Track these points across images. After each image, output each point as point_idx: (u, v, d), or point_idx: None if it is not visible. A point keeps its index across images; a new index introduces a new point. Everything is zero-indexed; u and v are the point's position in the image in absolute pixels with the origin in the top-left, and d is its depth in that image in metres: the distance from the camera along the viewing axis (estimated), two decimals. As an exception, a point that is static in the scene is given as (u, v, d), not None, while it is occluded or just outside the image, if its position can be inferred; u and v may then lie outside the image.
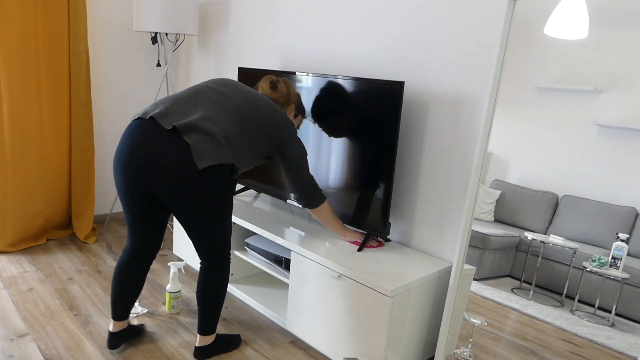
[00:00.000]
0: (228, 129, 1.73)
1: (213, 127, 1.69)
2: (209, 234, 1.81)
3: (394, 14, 2.19)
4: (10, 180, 2.82)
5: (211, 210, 1.74)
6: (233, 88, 1.86)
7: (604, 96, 1.57)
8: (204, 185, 1.67)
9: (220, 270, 1.89)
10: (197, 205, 1.70)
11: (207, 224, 1.77)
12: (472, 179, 1.84)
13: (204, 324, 1.93)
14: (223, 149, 1.68)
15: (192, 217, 1.74)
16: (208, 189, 1.68)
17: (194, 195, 1.67)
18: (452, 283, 1.90)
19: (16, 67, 2.74)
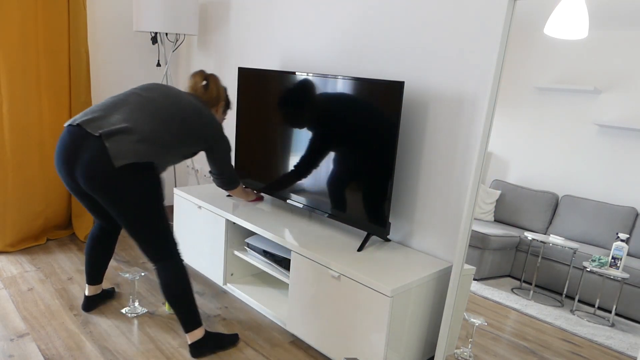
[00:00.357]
0: (149, 131, 1.87)
1: (132, 129, 1.83)
2: (144, 234, 1.88)
3: (394, 14, 2.19)
4: (10, 180, 2.82)
5: (137, 208, 1.84)
6: (159, 92, 2.00)
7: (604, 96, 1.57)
8: (122, 182, 1.79)
9: (169, 268, 1.93)
10: (121, 203, 1.82)
11: (138, 223, 1.86)
12: (472, 179, 1.84)
13: (182, 321, 1.97)
14: (140, 148, 1.82)
15: (122, 215, 1.85)
16: (127, 186, 1.81)
17: (115, 192, 1.81)
18: (452, 283, 1.90)
19: (16, 67, 2.74)
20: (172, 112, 1.95)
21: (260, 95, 2.57)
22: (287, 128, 2.45)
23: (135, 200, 1.82)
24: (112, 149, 1.77)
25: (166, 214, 1.93)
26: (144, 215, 1.86)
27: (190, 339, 1.98)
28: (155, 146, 1.87)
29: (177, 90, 2.06)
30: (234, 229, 2.52)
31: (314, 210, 2.35)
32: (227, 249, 2.52)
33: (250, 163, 2.71)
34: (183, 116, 1.97)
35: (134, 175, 1.81)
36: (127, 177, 1.80)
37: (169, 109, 1.95)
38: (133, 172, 1.81)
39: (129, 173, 1.80)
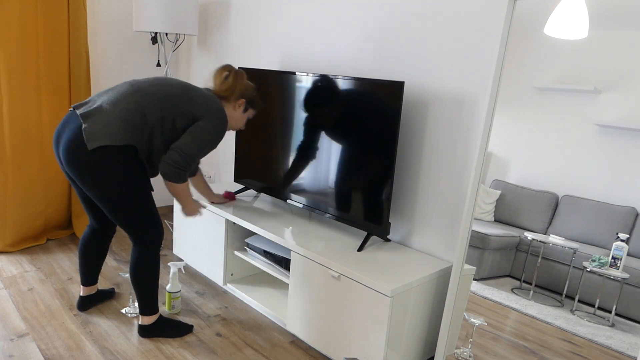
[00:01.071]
0: (125, 110, 1.81)
1: (110, 111, 1.80)
2: (122, 220, 1.90)
3: (394, 14, 2.19)
4: (10, 180, 2.82)
5: (113, 191, 1.82)
6: (154, 79, 1.96)
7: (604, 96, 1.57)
8: (95, 164, 1.77)
9: (141, 252, 1.98)
10: (96, 187, 1.81)
11: (116, 206, 1.86)
12: (472, 179, 1.84)
13: (139, 303, 2.07)
14: (117, 131, 1.78)
15: (98, 198, 1.85)
16: (101, 169, 1.78)
17: (88, 174, 1.79)
18: (452, 283, 1.90)
19: (16, 67, 2.74)
20: (156, 91, 1.88)
21: (261, 95, 2.57)
22: (287, 128, 2.45)
23: (110, 185, 1.81)
24: (86, 130, 1.76)
25: (148, 203, 1.92)
26: (124, 201, 1.85)
27: (141, 321, 2.10)
28: (134, 129, 1.81)
29: (177, 80, 2.00)
30: (234, 229, 2.52)
31: (314, 210, 2.35)
32: (227, 249, 2.52)
33: (250, 163, 2.71)
34: (168, 93, 1.89)
35: (108, 159, 1.78)
36: (101, 160, 1.77)
37: (155, 88, 1.89)
38: (107, 155, 1.78)
39: (103, 156, 1.77)
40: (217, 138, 1.95)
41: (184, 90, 1.94)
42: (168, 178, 1.90)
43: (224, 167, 3.43)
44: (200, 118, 1.91)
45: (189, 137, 1.88)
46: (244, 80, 2.10)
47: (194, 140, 1.88)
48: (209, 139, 1.92)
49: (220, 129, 1.95)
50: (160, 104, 1.87)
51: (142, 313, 2.08)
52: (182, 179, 1.93)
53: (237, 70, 2.11)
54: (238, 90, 2.07)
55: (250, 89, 2.13)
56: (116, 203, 1.85)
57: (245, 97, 2.11)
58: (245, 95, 2.11)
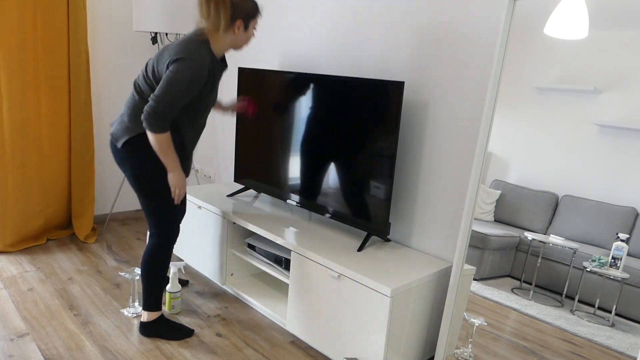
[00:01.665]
0: (131, 100, 1.99)
1: (124, 109, 2.01)
2: (145, 209, 2.05)
3: (394, 14, 2.19)
4: (10, 180, 2.82)
5: (135, 183, 2.00)
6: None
7: (604, 96, 1.57)
8: (124, 158, 1.98)
9: (152, 244, 2.07)
10: (130, 177, 2.01)
11: (139, 197, 2.04)
12: (472, 179, 1.84)
13: (143, 297, 2.11)
14: (129, 124, 1.96)
15: (133, 188, 2.04)
16: (127, 163, 1.98)
17: (122, 168, 2.01)
18: (452, 283, 1.90)
19: (16, 67, 2.74)
20: (145, 66, 1.98)
21: (261, 95, 2.57)
22: (287, 128, 2.45)
23: (132, 176, 1.99)
24: (112, 134, 2.00)
25: (168, 195, 2.01)
26: (141, 191, 2.01)
27: (143, 317, 2.12)
28: (139, 113, 1.95)
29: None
30: (234, 229, 2.52)
31: (314, 210, 2.35)
32: (227, 249, 2.52)
33: (250, 163, 2.71)
34: (153, 59, 1.94)
35: (132, 151, 1.96)
36: (127, 154, 1.97)
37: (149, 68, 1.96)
38: (130, 149, 1.96)
39: (128, 150, 1.96)
40: (187, 81, 1.83)
41: (165, 46, 1.94)
42: (146, 126, 1.87)
43: (224, 167, 3.43)
44: (172, 56, 1.85)
45: (161, 84, 1.84)
46: (227, 6, 1.88)
47: (163, 86, 1.83)
48: (178, 82, 1.82)
49: (187, 73, 1.83)
50: (147, 72, 1.96)
51: (144, 308, 2.11)
52: (159, 128, 1.86)
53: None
54: (225, 17, 1.89)
55: (241, 3, 1.91)
56: (141, 190, 2.01)
57: (240, 16, 1.92)
58: (238, 14, 1.91)
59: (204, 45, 1.89)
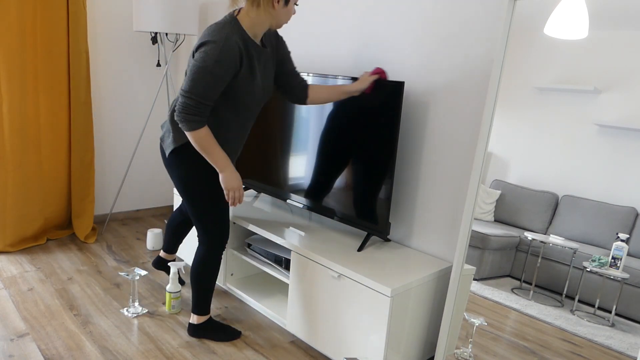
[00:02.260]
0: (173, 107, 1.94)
1: (169, 118, 1.95)
2: (193, 216, 2.02)
3: (394, 14, 2.19)
4: (10, 180, 2.82)
5: (183, 192, 1.97)
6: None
7: (604, 96, 1.57)
8: (171, 165, 1.96)
9: (202, 252, 2.06)
10: (176, 183, 1.99)
11: (189, 206, 2.00)
12: (472, 179, 1.84)
13: (193, 301, 2.12)
14: (174, 133, 1.90)
15: (180, 194, 2.01)
16: (174, 172, 1.96)
17: (170, 174, 1.99)
18: (452, 283, 1.90)
19: (16, 67, 2.74)
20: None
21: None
22: (287, 128, 2.45)
23: (180, 184, 1.96)
24: (161, 137, 1.99)
25: (216, 203, 1.97)
26: (188, 198, 1.97)
27: (193, 320, 2.14)
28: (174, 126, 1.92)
29: None
30: (234, 229, 2.52)
31: (313, 210, 2.35)
32: (227, 249, 2.52)
33: (250, 163, 2.71)
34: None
35: (177, 161, 1.93)
36: (174, 161, 1.94)
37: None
38: (176, 158, 1.93)
39: (175, 158, 1.93)
40: (212, 65, 1.68)
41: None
42: (181, 126, 1.77)
43: (224, 167, 3.43)
44: (195, 53, 1.74)
45: (188, 75, 1.73)
46: None
47: (190, 77, 1.71)
48: (204, 68, 1.68)
49: (212, 55, 1.68)
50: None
51: (194, 312, 2.13)
52: (194, 124, 1.74)
53: None
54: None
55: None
56: (188, 198, 1.97)
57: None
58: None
59: (230, 25, 1.73)
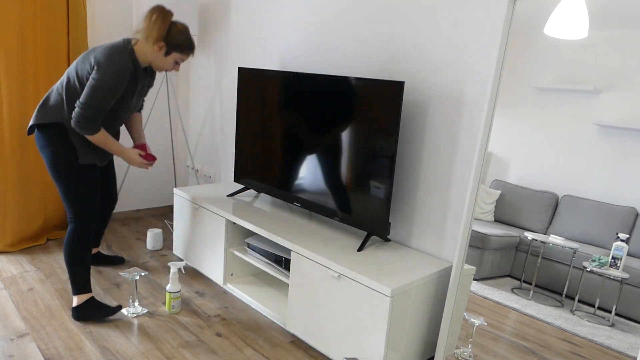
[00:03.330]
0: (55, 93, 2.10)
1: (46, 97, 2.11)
2: (60, 194, 2.14)
3: (394, 14, 2.19)
4: (10, 180, 2.82)
5: (49, 168, 2.10)
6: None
7: (604, 96, 1.57)
8: (41, 148, 2.10)
9: (70, 230, 2.15)
10: (47, 167, 2.13)
11: (57, 185, 2.13)
12: (472, 179, 1.84)
13: (71, 282, 2.20)
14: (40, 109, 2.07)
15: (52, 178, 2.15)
16: (45, 152, 2.09)
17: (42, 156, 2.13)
18: (452, 283, 1.90)
19: (16, 67, 2.74)
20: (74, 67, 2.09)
21: (260, 95, 2.57)
22: (287, 128, 2.45)
23: (48, 163, 2.09)
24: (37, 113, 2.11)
25: (76, 181, 2.11)
26: (54, 177, 2.11)
27: (74, 303, 2.20)
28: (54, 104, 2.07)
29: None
30: (234, 229, 2.52)
31: (313, 210, 2.35)
32: (227, 249, 2.52)
33: (250, 163, 2.71)
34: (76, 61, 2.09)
35: (42, 137, 2.08)
36: (42, 143, 2.09)
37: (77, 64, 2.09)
38: (40, 134, 2.08)
39: (41, 137, 2.08)
40: (108, 85, 1.97)
41: (92, 49, 2.08)
42: (79, 132, 2.04)
43: (224, 167, 3.43)
44: (94, 61, 2.00)
45: (86, 90, 1.98)
46: (164, 23, 2.03)
47: (88, 93, 1.97)
48: (100, 86, 1.97)
49: (109, 79, 1.97)
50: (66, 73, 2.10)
51: (73, 293, 2.20)
52: (91, 130, 2.03)
53: (163, 12, 2.05)
54: (155, 33, 2.03)
55: (175, 32, 2.08)
56: (57, 178, 2.11)
57: (167, 40, 2.07)
58: (168, 37, 2.06)
59: (128, 52, 2.04)
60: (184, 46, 2.13)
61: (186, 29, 2.13)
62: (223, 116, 3.37)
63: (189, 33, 2.14)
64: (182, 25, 2.12)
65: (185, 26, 2.14)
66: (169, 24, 2.06)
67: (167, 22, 2.05)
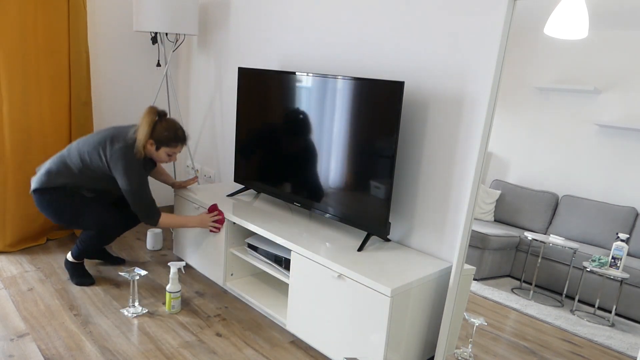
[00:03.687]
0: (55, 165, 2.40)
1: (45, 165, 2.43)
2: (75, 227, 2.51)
3: (394, 14, 2.19)
4: (10, 180, 2.82)
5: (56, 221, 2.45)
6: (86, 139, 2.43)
7: (604, 96, 1.57)
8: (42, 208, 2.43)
9: (90, 234, 2.46)
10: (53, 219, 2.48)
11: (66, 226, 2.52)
12: (472, 179, 1.84)
13: (75, 248, 2.51)
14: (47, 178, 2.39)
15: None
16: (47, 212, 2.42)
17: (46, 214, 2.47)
18: (452, 283, 1.90)
19: (16, 67, 2.74)
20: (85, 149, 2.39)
21: (260, 95, 2.57)
22: (287, 128, 2.45)
23: (50, 218, 2.43)
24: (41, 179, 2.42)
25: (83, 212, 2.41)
26: (62, 223, 2.46)
27: (68, 257, 2.54)
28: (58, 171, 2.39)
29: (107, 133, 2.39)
30: (234, 229, 2.52)
31: (314, 210, 2.35)
32: (227, 249, 2.52)
33: (250, 163, 2.71)
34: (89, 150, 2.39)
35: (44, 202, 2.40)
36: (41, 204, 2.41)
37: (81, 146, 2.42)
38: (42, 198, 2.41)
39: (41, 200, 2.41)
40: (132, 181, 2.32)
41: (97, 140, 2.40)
42: (150, 224, 2.41)
43: (224, 167, 3.43)
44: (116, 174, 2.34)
45: (127, 196, 2.33)
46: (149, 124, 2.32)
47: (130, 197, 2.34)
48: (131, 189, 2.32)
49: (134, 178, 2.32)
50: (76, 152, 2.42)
51: (72, 254, 2.52)
52: (154, 218, 2.39)
53: (150, 113, 2.34)
54: (142, 135, 2.32)
55: (159, 130, 2.35)
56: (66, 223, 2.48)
57: (154, 137, 2.35)
58: (154, 135, 2.35)
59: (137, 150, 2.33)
60: (170, 140, 2.37)
61: (170, 126, 2.37)
62: (223, 116, 3.37)
63: (175, 127, 2.38)
64: (166, 122, 2.37)
65: (170, 122, 2.38)
66: (152, 124, 2.33)
67: (151, 122, 2.32)
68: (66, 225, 2.45)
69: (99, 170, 2.37)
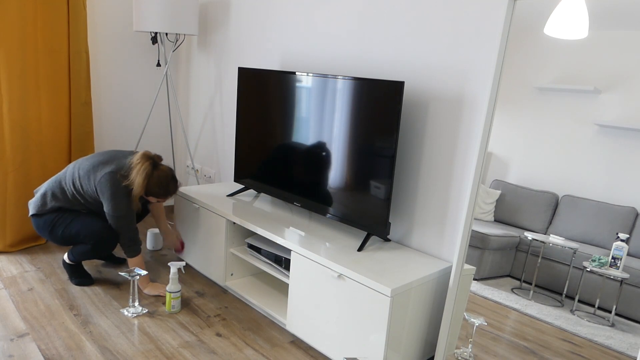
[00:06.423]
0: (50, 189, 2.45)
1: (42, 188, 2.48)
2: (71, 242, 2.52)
3: (394, 14, 2.19)
4: (10, 180, 2.82)
5: (51, 240, 2.49)
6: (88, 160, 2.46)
7: (604, 96, 1.57)
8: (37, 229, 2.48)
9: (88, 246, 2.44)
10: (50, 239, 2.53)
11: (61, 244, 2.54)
12: (472, 179, 1.84)
13: (74, 251, 2.49)
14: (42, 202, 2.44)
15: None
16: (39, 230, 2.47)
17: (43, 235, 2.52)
18: (452, 283, 1.90)
19: (16, 67, 2.74)
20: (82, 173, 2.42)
21: (260, 95, 2.57)
22: (287, 128, 2.45)
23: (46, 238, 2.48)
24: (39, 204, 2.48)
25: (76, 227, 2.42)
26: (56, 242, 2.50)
27: (66, 258, 2.54)
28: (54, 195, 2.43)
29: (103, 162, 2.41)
30: (234, 229, 2.52)
31: (313, 210, 2.35)
32: (227, 249, 2.52)
33: (250, 163, 2.71)
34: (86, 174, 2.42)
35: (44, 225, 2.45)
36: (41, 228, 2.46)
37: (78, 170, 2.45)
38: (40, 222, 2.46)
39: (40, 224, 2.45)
40: (116, 210, 2.36)
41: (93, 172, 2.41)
42: (126, 254, 2.44)
43: (224, 167, 3.43)
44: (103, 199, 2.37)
45: (114, 221, 2.37)
46: (144, 179, 2.35)
47: (115, 222, 2.38)
48: (114, 216, 2.37)
49: (114, 203, 2.35)
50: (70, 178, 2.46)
51: (68, 256, 2.51)
52: (133, 253, 2.44)
53: (146, 166, 2.36)
54: (137, 185, 2.35)
55: (152, 184, 2.38)
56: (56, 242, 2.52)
57: (147, 189, 2.40)
58: (148, 188, 2.39)
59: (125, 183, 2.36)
60: (160, 195, 2.43)
61: (162, 181, 2.40)
62: (223, 116, 3.37)
63: (167, 181, 2.41)
64: (159, 176, 2.40)
65: (163, 175, 2.41)
66: (147, 177, 2.36)
67: (146, 176, 2.35)
68: (65, 245, 2.48)
69: (89, 196, 2.42)
